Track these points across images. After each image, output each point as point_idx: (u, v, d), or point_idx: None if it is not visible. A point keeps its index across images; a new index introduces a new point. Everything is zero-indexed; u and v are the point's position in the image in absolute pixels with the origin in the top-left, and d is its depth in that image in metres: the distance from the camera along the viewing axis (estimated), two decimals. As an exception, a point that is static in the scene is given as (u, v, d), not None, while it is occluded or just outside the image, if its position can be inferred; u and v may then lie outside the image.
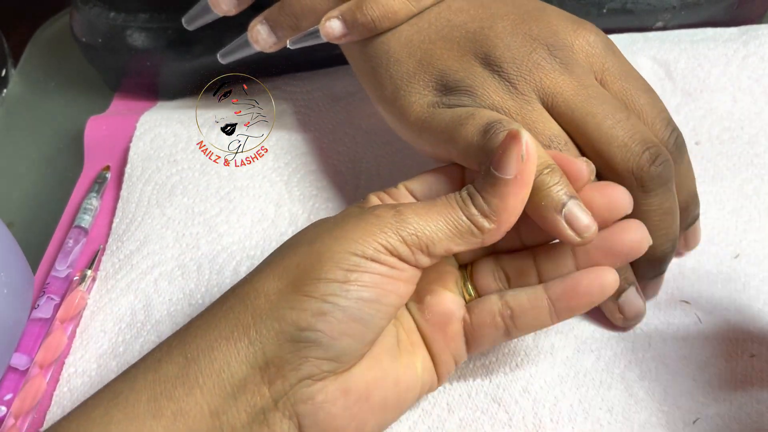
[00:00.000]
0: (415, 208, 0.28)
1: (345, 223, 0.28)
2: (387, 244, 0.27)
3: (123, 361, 0.37)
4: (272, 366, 0.26)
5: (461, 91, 0.33)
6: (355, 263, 0.27)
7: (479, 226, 0.28)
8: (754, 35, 0.45)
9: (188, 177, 0.44)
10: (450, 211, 0.28)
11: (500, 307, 0.30)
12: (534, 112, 0.32)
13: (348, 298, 0.26)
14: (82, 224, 0.43)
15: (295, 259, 0.28)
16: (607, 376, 0.33)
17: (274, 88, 0.49)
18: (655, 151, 0.31)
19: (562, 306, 0.29)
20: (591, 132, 0.31)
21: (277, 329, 0.26)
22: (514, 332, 0.30)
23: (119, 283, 0.40)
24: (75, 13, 0.48)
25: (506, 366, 0.34)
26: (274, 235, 0.41)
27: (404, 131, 0.35)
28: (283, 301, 0.27)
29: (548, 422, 0.32)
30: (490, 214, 0.28)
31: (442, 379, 0.31)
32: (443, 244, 0.28)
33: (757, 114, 0.43)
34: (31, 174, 0.49)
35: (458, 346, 0.31)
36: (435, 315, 0.30)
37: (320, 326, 0.26)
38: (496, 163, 0.28)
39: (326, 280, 0.26)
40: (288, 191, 0.43)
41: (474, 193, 0.28)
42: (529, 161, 0.27)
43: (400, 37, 0.35)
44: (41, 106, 0.54)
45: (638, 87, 0.33)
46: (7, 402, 0.36)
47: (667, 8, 0.46)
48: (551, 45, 0.33)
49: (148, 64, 0.48)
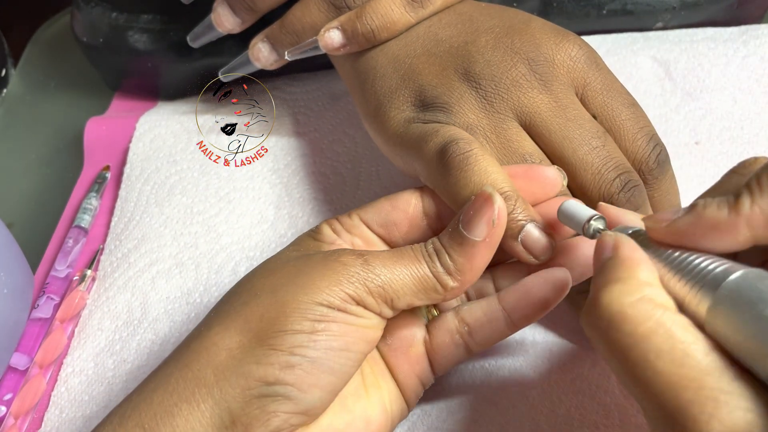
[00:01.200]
0: (382, 259, 0.27)
1: (309, 270, 0.27)
2: (354, 294, 0.26)
3: (120, 359, 0.37)
4: (239, 424, 0.25)
5: (437, 107, 0.33)
6: (323, 313, 0.26)
7: (443, 283, 0.27)
8: (754, 35, 0.45)
9: (187, 177, 0.44)
10: (416, 265, 0.27)
11: (457, 324, 0.30)
12: (509, 130, 0.32)
13: (317, 349, 0.25)
14: (81, 224, 0.43)
15: (258, 311, 0.26)
16: (603, 380, 0.33)
17: (273, 88, 0.49)
18: (626, 178, 0.31)
19: (518, 315, 0.29)
20: (567, 156, 0.31)
21: (243, 386, 0.25)
22: (475, 347, 0.30)
23: (116, 281, 0.40)
24: (76, 13, 0.48)
25: (504, 370, 0.34)
26: (274, 237, 0.41)
27: (382, 146, 0.35)
28: (248, 356, 0.25)
29: (545, 427, 0.31)
30: (454, 272, 0.27)
31: (411, 405, 0.31)
32: (407, 298, 0.27)
33: (757, 114, 0.42)
34: (30, 174, 0.49)
35: (423, 368, 0.30)
36: (396, 339, 0.30)
37: (289, 379, 0.25)
38: (465, 223, 0.27)
39: (293, 331, 0.25)
40: (288, 193, 0.43)
41: (440, 249, 0.28)
42: (499, 225, 0.27)
43: (388, 53, 0.36)
44: (41, 106, 0.54)
45: (620, 102, 0.33)
46: (6, 402, 0.36)
47: (667, 9, 0.46)
48: (532, 60, 0.33)
49: (148, 64, 0.48)
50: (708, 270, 0.22)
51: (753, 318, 0.20)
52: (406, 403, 0.30)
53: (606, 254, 0.24)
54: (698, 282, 0.22)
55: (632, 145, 0.32)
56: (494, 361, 0.34)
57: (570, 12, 0.46)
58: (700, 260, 0.22)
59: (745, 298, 0.20)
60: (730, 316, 0.21)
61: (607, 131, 0.32)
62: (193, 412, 0.25)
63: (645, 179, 0.32)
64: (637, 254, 0.23)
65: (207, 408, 0.25)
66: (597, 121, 0.33)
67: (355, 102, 0.38)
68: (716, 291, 0.21)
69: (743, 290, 0.21)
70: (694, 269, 0.22)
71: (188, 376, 0.26)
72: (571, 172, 0.31)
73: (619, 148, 0.32)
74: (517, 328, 0.29)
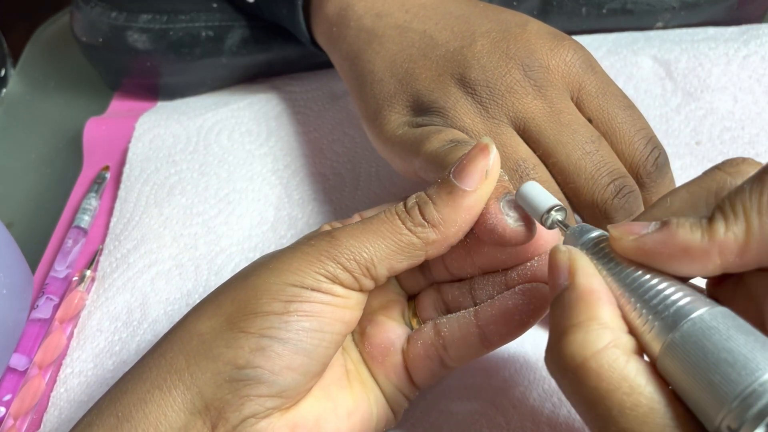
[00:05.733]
0: (349, 230, 0.26)
1: (281, 255, 0.27)
2: (325, 272, 0.26)
3: (119, 360, 0.37)
4: (212, 409, 0.25)
5: (433, 111, 0.33)
6: (294, 293, 0.25)
7: (423, 237, 0.26)
8: (755, 35, 0.45)
9: (187, 178, 0.44)
10: (389, 226, 0.26)
11: (432, 337, 0.29)
12: (503, 135, 0.32)
13: (288, 330, 0.25)
14: (81, 224, 0.43)
15: (230, 295, 0.26)
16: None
17: (273, 88, 0.49)
18: (620, 183, 0.31)
19: (492, 332, 0.28)
20: (561, 162, 0.31)
21: (213, 370, 0.25)
22: (449, 362, 0.29)
23: (116, 282, 0.40)
24: (76, 12, 0.48)
25: (505, 371, 0.34)
26: (273, 239, 0.41)
27: (381, 149, 0.35)
28: (218, 340, 0.25)
29: (546, 428, 0.31)
30: (437, 223, 0.26)
31: (396, 414, 0.30)
32: (385, 263, 0.26)
33: (758, 114, 0.42)
34: (30, 174, 0.49)
35: (401, 379, 0.29)
36: (374, 346, 0.30)
37: (259, 362, 0.25)
38: (458, 171, 0.26)
39: (264, 313, 0.25)
40: (287, 194, 0.43)
41: (425, 200, 0.27)
42: (490, 179, 0.26)
43: (385, 56, 0.35)
44: (41, 106, 0.54)
45: (617, 105, 0.33)
46: (6, 402, 0.36)
47: (667, 9, 0.46)
48: (527, 65, 0.33)
49: (148, 64, 0.48)
50: (668, 303, 0.21)
51: (703, 368, 0.19)
52: (392, 411, 0.30)
53: (561, 279, 0.23)
54: (656, 316, 0.21)
55: (629, 148, 0.32)
56: (495, 362, 0.34)
57: (570, 11, 0.46)
58: (662, 288, 0.21)
59: (706, 342, 0.19)
60: (681, 364, 0.20)
61: (604, 135, 0.32)
62: (165, 398, 0.25)
63: (643, 183, 0.32)
64: (596, 284, 0.22)
65: (179, 393, 0.25)
66: (593, 125, 0.32)
67: (355, 105, 0.38)
68: (672, 332, 0.20)
69: (698, 336, 0.20)
70: (654, 298, 0.21)
71: (161, 364, 0.26)
72: (565, 178, 0.31)
73: (615, 151, 0.32)
74: (493, 347, 0.28)
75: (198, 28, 0.46)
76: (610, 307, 0.22)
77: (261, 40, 0.47)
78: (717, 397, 0.19)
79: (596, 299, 0.22)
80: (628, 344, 0.21)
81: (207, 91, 0.50)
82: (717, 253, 0.21)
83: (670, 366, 0.20)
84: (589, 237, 0.24)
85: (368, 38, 0.36)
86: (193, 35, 0.46)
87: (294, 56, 0.48)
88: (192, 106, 0.48)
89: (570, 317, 0.22)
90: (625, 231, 0.22)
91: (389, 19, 0.36)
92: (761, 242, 0.20)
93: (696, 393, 0.19)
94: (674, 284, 0.21)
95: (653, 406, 0.20)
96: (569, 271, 0.23)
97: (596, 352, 0.21)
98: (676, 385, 0.20)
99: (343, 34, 0.38)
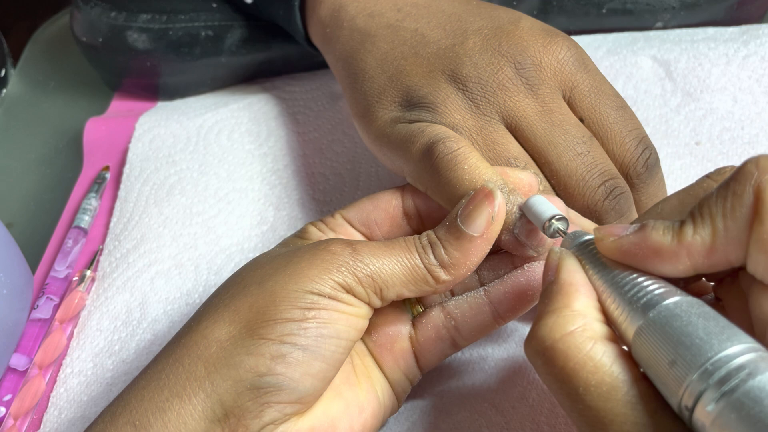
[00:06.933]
0: (372, 249, 0.27)
1: (298, 260, 0.27)
2: (343, 282, 0.26)
3: (119, 359, 0.37)
4: (232, 416, 0.25)
5: (423, 106, 0.33)
6: (313, 301, 0.26)
7: (435, 276, 0.27)
8: (755, 35, 0.45)
9: (187, 177, 0.44)
10: (408, 256, 0.27)
11: (443, 319, 0.30)
12: (495, 132, 0.32)
13: (307, 337, 0.26)
14: (81, 224, 0.43)
15: (247, 301, 0.26)
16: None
17: (273, 88, 0.49)
18: (612, 185, 0.31)
19: (504, 308, 0.29)
20: (552, 162, 0.31)
21: (234, 377, 0.25)
22: (461, 341, 0.30)
23: (115, 282, 0.40)
24: (76, 12, 0.48)
25: (504, 371, 0.34)
26: (273, 239, 0.41)
27: (370, 146, 0.35)
28: (239, 347, 0.25)
29: (546, 428, 0.31)
30: (448, 265, 0.27)
31: (400, 401, 0.31)
32: (396, 289, 0.27)
33: (757, 114, 0.42)
34: (30, 174, 0.49)
35: (409, 364, 0.30)
36: (381, 335, 0.30)
37: (280, 369, 0.25)
38: (464, 217, 0.27)
39: (283, 320, 0.25)
40: (287, 194, 0.43)
41: (435, 241, 0.28)
42: (497, 221, 0.27)
43: (377, 54, 0.35)
44: (40, 106, 0.54)
45: (609, 104, 0.33)
46: (6, 403, 0.36)
47: (667, 8, 0.46)
48: (519, 63, 0.32)
49: (148, 64, 0.48)
50: (642, 294, 0.22)
51: (665, 352, 0.21)
52: (396, 398, 0.30)
53: (549, 276, 0.25)
54: (631, 305, 0.22)
55: (620, 148, 0.32)
56: (494, 362, 0.34)
57: (570, 11, 0.46)
58: (637, 282, 0.23)
59: (668, 328, 0.21)
60: (648, 348, 0.21)
61: (595, 135, 0.32)
62: (185, 407, 0.25)
63: (633, 183, 0.32)
64: (577, 278, 0.24)
65: (198, 402, 0.25)
66: (585, 124, 0.32)
67: (347, 103, 0.38)
68: (644, 317, 0.22)
69: (662, 322, 0.21)
70: (629, 291, 0.23)
71: (179, 371, 0.26)
72: (557, 178, 0.31)
73: (606, 151, 0.32)
74: (504, 321, 0.30)
75: (197, 27, 0.46)
76: (585, 298, 0.24)
77: (260, 39, 0.47)
78: (675, 378, 0.20)
79: (574, 290, 0.24)
80: (599, 330, 0.23)
81: (207, 91, 0.50)
82: (686, 255, 0.22)
83: (639, 351, 0.22)
84: (580, 240, 0.26)
85: (361, 38, 0.36)
86: (192, 35, 0.46)
87: (294, 56, 0.48)
88: (192, 106, 0.48)
89: (547, 305, 0.24)
90: (606, 233, 0.24)
91: (381, 18, 0.36)
92: (726, 244, 0.21)
93: (661, 375, 0.21)
94: (649, 279, 0.23)
95: (616, 384, 0.21)
96: (556, 268, 0.25)
97: (565, 334, 0.22)
98: (647, 370, 0.22)
99: (336, 35, 0.38)
